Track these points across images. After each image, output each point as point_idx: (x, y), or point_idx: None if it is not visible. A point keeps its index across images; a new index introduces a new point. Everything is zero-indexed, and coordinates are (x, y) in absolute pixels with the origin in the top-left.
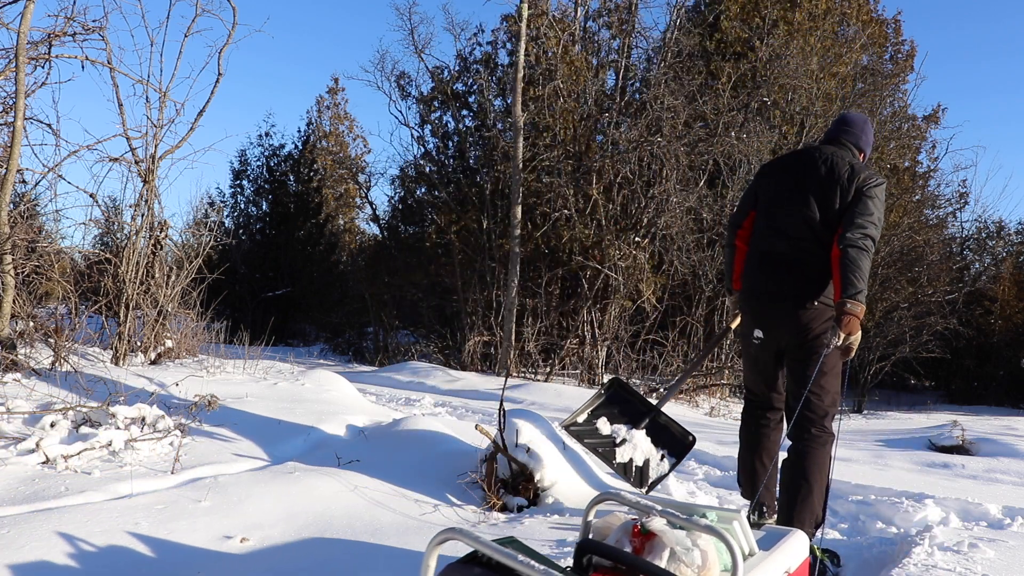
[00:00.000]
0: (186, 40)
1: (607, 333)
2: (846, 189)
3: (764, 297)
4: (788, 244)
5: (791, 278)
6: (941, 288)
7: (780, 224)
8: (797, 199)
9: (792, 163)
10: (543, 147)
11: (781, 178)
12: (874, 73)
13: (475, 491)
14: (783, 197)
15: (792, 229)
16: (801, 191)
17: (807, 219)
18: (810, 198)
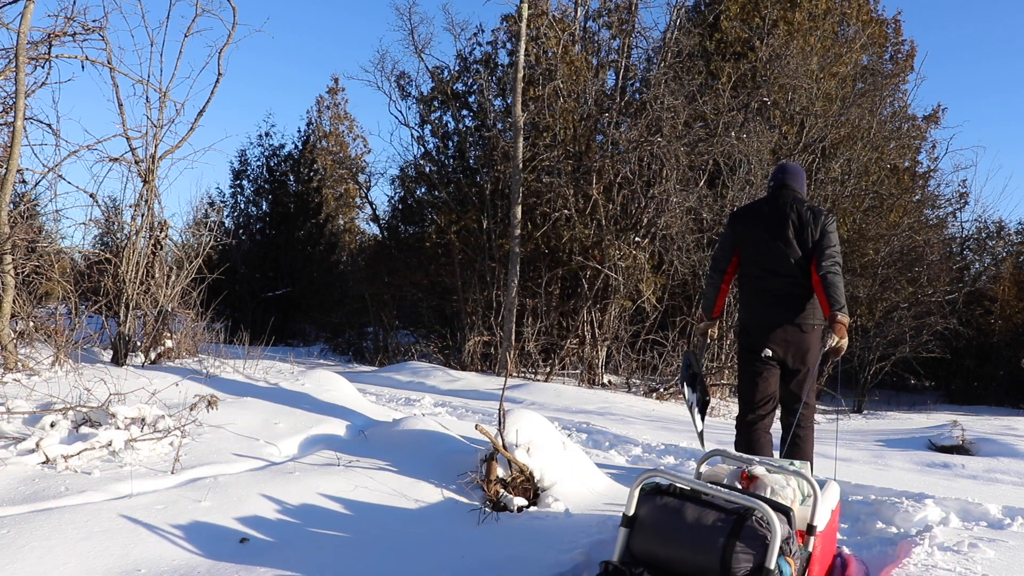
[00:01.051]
0: (186, 40)
1: (607, 333)
2: (814, 229)
3: (774, 325)
4: (781, 281)
5: (792, 308)
6: (941, 288)
7: (770, 265)
8: (781, 244)
9: (765, 212)
10: (543, 147)
11: (759, 226)
12: (874, 73)
13: (475, 491)
14: (767, 243)
15: (781, 268)
16: (783, 237)
17: (792, 258)
18: (792, 242)
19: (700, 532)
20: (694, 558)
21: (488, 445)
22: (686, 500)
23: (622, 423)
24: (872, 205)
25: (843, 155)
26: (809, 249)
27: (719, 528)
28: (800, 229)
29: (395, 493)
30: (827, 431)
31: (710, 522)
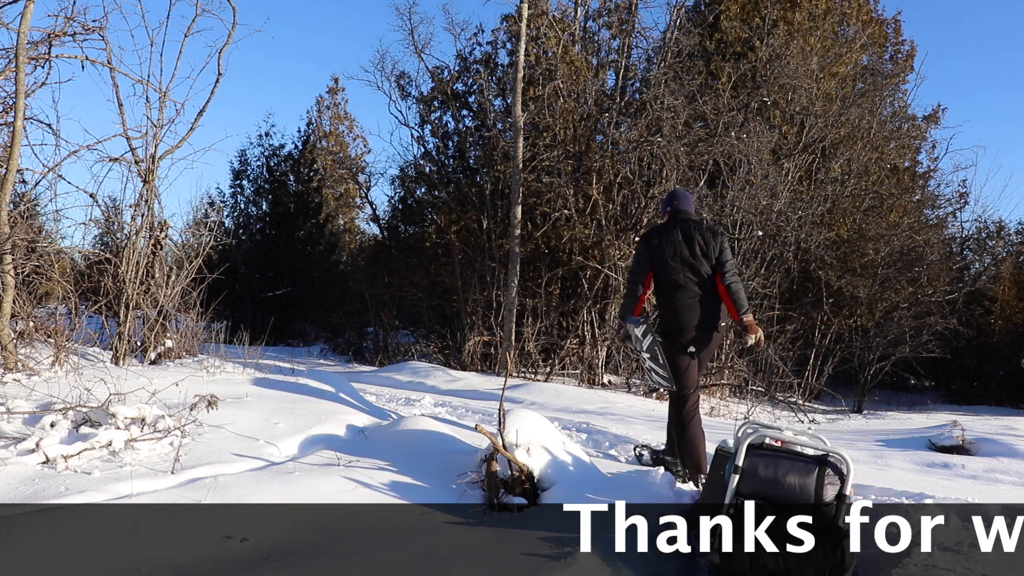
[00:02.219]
0: (186, 40)
1: (607, 333)
2: (715, 247)
3: (693, 326)
4: (694, 290)
5: (705, 311)
6: (941, 288)
7: (683, 278)
8: (692, 261)
9: (675, 234)
10: (543, 147)
11: (671, 245)
12: (874, 73)
13: (475, 491)
14: (685, 259)
15: (692, 281)
16: (694, 255)
17: (702, 272)
18: (701, 260)
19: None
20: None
21: (488, 445)
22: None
23: (622, 423)
24: (872, 205)
25: (843, 155)
26: (713, 264)
27: (810, 468)
28: (705, 247)
29: (395, 493)
30: (827, 431)
31: (803, 465)
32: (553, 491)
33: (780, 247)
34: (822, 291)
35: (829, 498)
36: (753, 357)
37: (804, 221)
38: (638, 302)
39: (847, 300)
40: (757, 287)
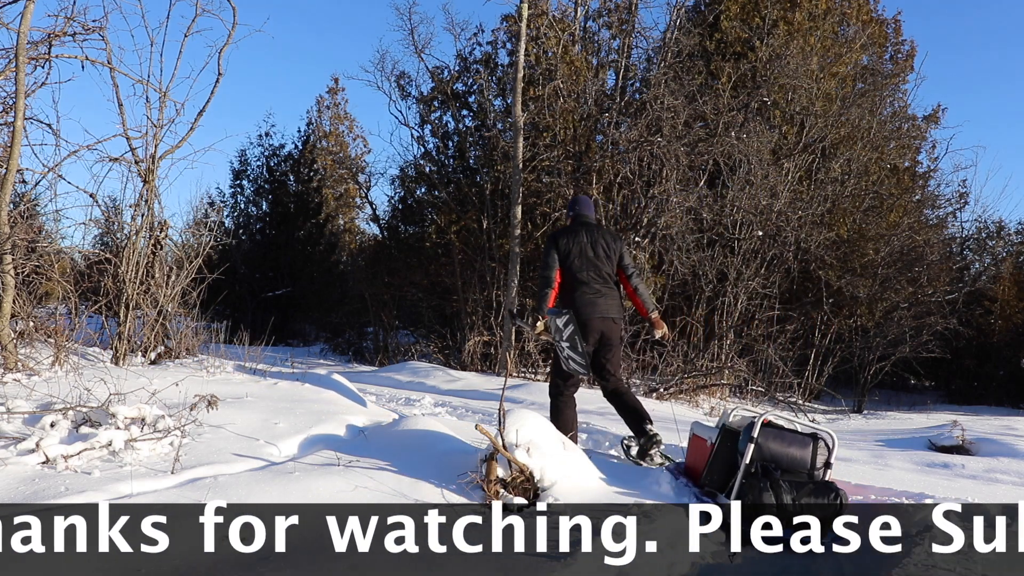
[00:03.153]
0: (186, 40)
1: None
2: (616, 249)
3: (596, 318)
4: (600, 286)
5: (606, 305)
6: (941, 288)
7: (591, 275)
8: (597, 260)
9: (581, 236)
10: (543, 147)
11: (577, 246)
12: (874, 73)
13: (475, 491)
14: (589, 259)
15: (599, 278)
16: (596, 256)
17: (606, 270)
18: (604, 260)
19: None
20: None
21: (488, 445)
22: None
23: (622, 423)
24: (872, 205)
25: (843, 155)
26: (614, 264)
27: (807, 441)
28: (608, 250)
29: (395, 493)
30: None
31: (800, 439)
32: (553, 491)
33: (780, 247)
34: (822, 291)
35: (819, 465)
36: (753, 357)
37: (804, 221)
38: (549, 296)
39: (847, 300)
40: (757, 287)
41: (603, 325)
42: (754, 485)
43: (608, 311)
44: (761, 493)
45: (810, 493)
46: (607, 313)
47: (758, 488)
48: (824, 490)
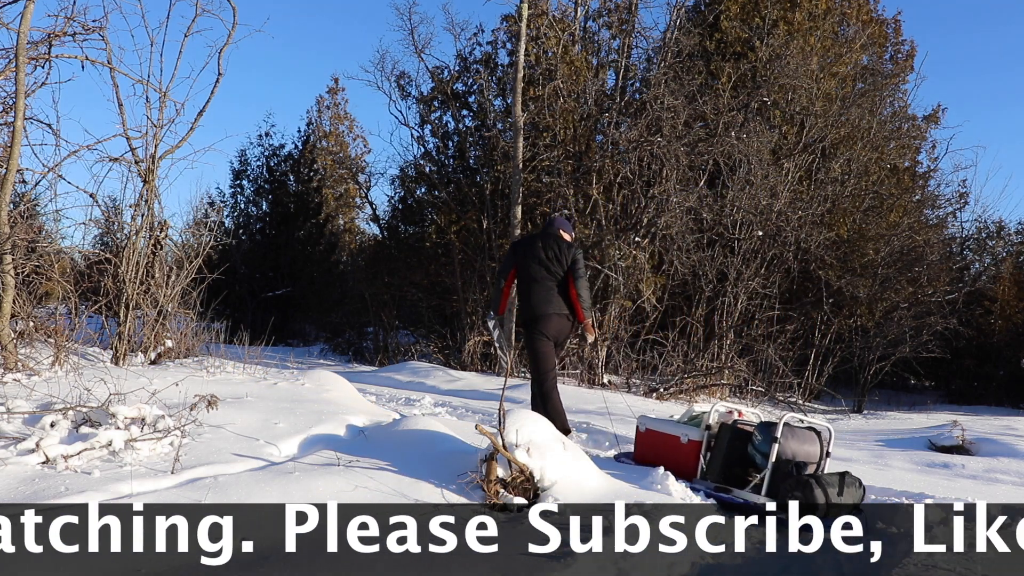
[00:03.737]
0: (186, 40)
1: (607, 333)
2: (568, 257)
3: (549, 315)
4: (550, 287)
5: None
6: (941, 288)
7: (537, 274)
8: (546, 262)
9: (536, 242)
10: (543, 147)
11: (533, 253)
12: (874, 73)
13: (475, 491)
14: (541, 263)
15: (545, 278)
16: (547, 258)
17: (556, 274)
18: (554, 263)
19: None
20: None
21: (488, 445)
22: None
23: (622, 423)
24: (872, 205)
25: (843, 155)
26: (566, 269)
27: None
28: (559, 255)
29: (395, 493)
30: None
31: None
32: (553, 491)
33: (780, 247)
34: (822, 291)
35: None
36: (753, 357)
37: (804, 221)
38: (503, 298)
39: (847, 300)
40: (757, 287)
41: (558, 322)
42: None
43: (559, 308)
44: (812, 491)
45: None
46: (559, 310)
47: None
48: (853, 480)
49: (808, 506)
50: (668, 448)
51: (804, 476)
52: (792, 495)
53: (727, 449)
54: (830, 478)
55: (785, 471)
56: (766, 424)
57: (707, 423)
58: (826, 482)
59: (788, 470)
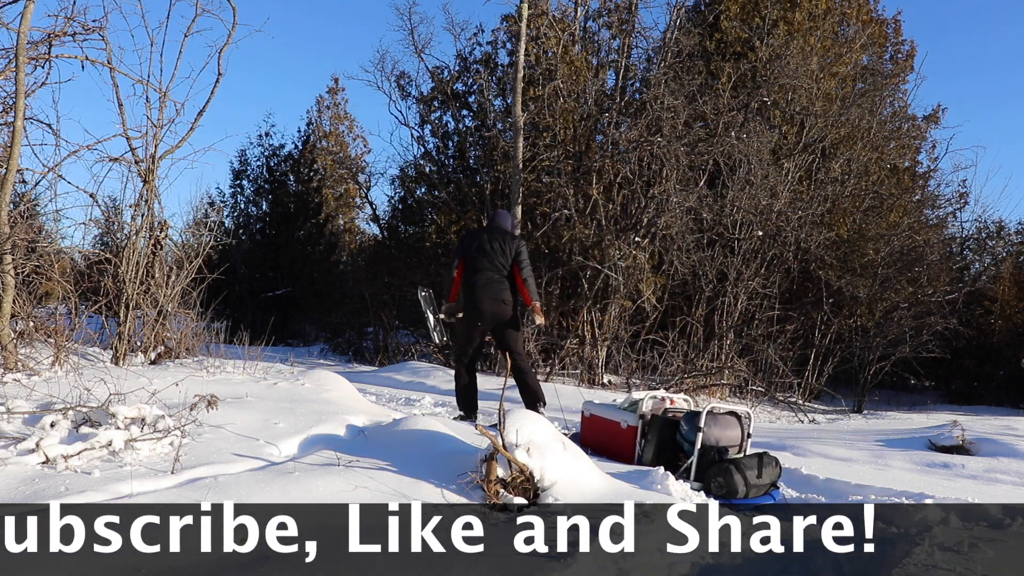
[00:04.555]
0: (186, 40)
1: (607, 333)
2: (511, 249)
3: (491, 302)
4: (496, 276)
5: (501, 293)
6: (941, 288)
7: (483, 265)
8: (491, 253)
9: (483, 235)
10: (543, 147)
11: (477, 243)
12: (874, 73)
13: (475, 491)
14: (483, 252)
15: (496, 269)
16: (492, 250)
17: (502, 264)
18: (498, 254)
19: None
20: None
21: (488, 445)
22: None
23: None
24: (872, 205)
25: (843, 155)
26: (511, 260)
27: (735, 421)
28: (503, 247)
29: (395, 493)
30: (828, 431)
31: (732, 419)
32: (553, 491)
33: (780, 247)
34: (822, 291)
35: (746, 434)
36: (753, 357)
37: (804, 221)
38: (453, 286)
39: (847, 300)
40: (757, 287)
41: (494, 306)
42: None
43: (499, 294)
44: (732, 477)
45: (763, 465)
46: (499, 296)
47: (726, 472)
48: (770, 460)
49: (729, 491)
50: (610, 433)
51: (725, 462)
52: (715, 482)
53: (659, 437)
54: (749, 461)
55: (709, 457)
56: (691, 414)
57: (641, 412)
58: (745, 466)
59: (712, 456)
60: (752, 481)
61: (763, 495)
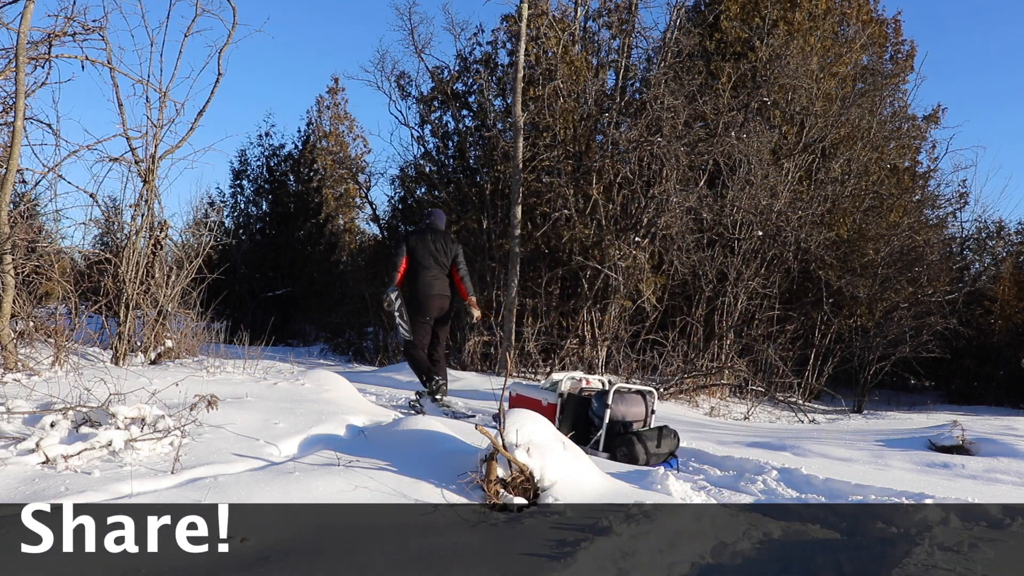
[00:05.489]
0: (186, 40)
1: (607, 333)
2: (451, 250)
3: (434, 297)
4: (439, 273)
5: (442, 288)
6: (941, 288)
7: (427, 263)
8: (435, 253)
9: (426, 236)
10: (543, 147)
11: (422, 243)
12: (874, 73)
13: (475, 491)
14: (431, 253)
15: (433, 267)
16: (436, 250)
17: (443, 263)
18: (440, 254)
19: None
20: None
21: (488, 445)
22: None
23: None
24: (872, 205)
25: (843, 155)
26: (449, 259)
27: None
28: (445, 248)
29: (395, 493)
30: (828, 431)
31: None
32: (553, 491)
33: (780, 247)
34: (822, 291)
35: (650, 411)
36: (753, 357)
37: (804, 221)
38: (397, 277)
39: (847, 300)
40: (757, 287)
41: (440, 301)
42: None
43: (442, 290)
44: (634, 447)
45: (663, 437)
46: (442, 291)
47: (629, 443)
48: (669, 433)
49: (631, 458)
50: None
51: (629, 434)
52: (620, 451)
53: (573, 413)
54: (650, 433)
55: (616, 430)
56: (601, 393)
57: (560, 391)
58: (646, 437)
59: (618, 429)
60: (652, 451)
61: (662, 462)
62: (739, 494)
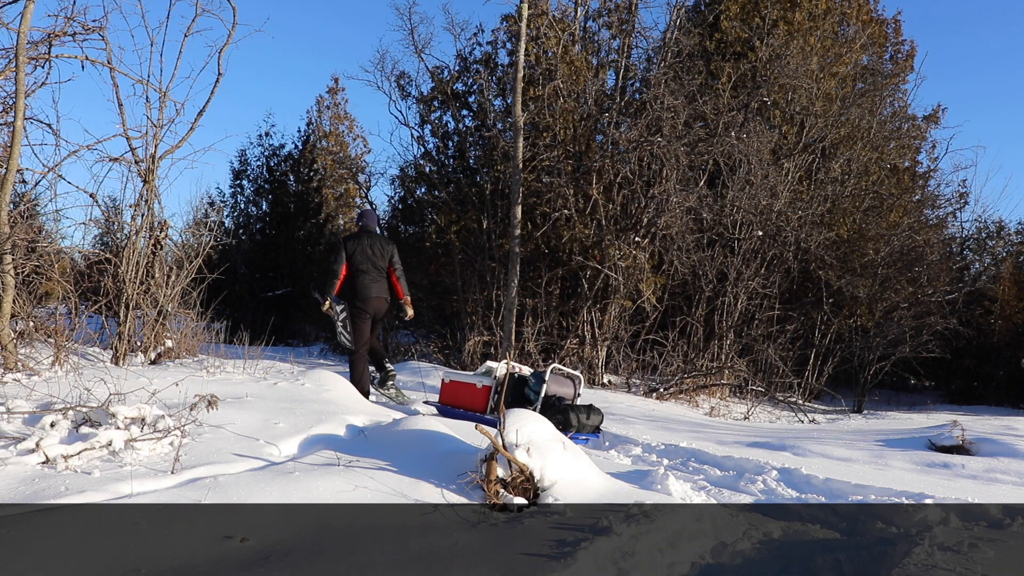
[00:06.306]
0: (186, 40)
1: (607, 333)
2: (388, 251)
3: (373, 298)
4: (377, 276)
5: (380, 289)
6: (941, 288)
7: (366, 267)
8: (372, 257)
9: (364, 239)
10: (543, 147)
11: (359, 247)
12: (874, 73)
13: (475, 491)
14: (369, 256)
15: (371, 269)
16: (373, 254)
17: (380, 266)
18: (378, 257)
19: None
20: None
21: (488, 445)
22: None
23: (622, 423)
24: (872, 205)
25: (843, 155)
26: (387, 261)
27: (570, 381)
28: (382, 251)
29: (395, 493)
30: (828, 431)
31: (567, 379)
32: (553, 491)
33: (780, 247)
34: (822, 291)
35: (576, 392)
36: (753, 357)
37: (804, 221)
38: (336, 283)
39: (847, 300)
40: (757, 287)
41: (377, 304)
42: (561, 410)
43: (381, 292)
44: (568, 415)
45: (591, 412)
46: (380, 294)
47: (564, 412)
48: (596, 410)
49: (566, 424)
50: (467, 393)
51: (563, 405)
52: (555, 419)
53: (511, 391)
54: (582, 407)
55: (551, 403)
56: (538, 373)
57: (495, 375)
58: (578, 410)
59: (552, 402)
60: (582, 421)
61: (591, 432)
62: (739, 494)
